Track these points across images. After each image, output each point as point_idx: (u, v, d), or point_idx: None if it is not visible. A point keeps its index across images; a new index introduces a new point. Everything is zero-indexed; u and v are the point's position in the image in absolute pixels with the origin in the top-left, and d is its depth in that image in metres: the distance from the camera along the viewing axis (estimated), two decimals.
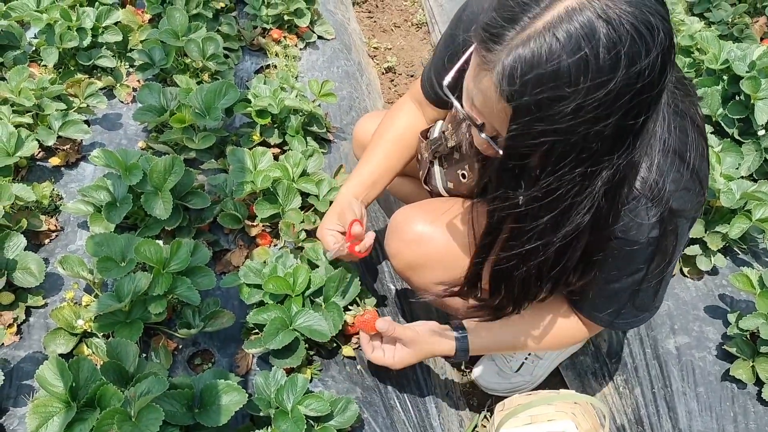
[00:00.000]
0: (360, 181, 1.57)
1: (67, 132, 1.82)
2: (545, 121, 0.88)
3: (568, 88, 0.85)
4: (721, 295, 1.80)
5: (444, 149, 1.48)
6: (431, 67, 1.52)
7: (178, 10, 2.19)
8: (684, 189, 1.16)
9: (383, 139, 1.61)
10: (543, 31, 0.85)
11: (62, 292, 1.55)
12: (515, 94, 0.88)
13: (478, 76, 0.96)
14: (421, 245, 1.43)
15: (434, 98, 1.54)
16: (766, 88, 2.06)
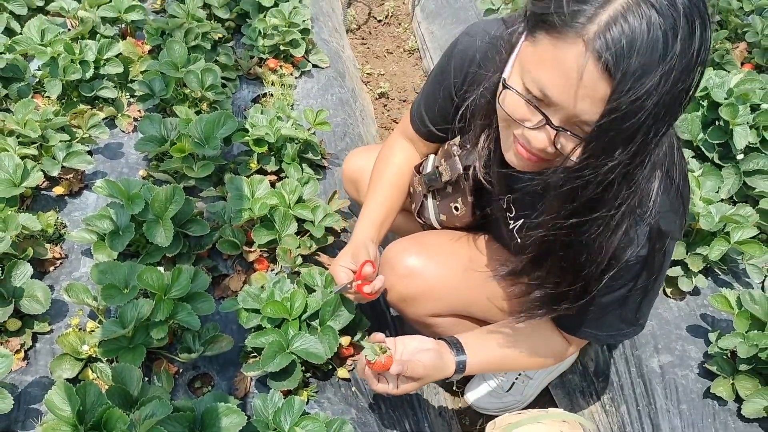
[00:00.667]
0: (370, 222, 1.60)
1: (71, 162, 1.88)
2: (642, 90, 0.89)
3: (664, 53, 0.87)
4: (702, 315, 1.87)
5: (438, 183, 1.54)
6: (421, 104, 1.57)
7: (178, 43, 2.27)
8: (671, 210, 1.21)
9: (383, 179, 1.66)
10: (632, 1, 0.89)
11: (67, 319, 1.60)
12: (618, 62, 0.88)
13: (560, 53, 0.94)
14: (413, 278, 1.49)
15: (425, 133, 1.59)
16: (744, 114, 2.14)
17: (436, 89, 1.50)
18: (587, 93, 0.94)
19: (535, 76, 0.99)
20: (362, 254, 1.49)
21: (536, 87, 1.00)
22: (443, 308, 1.51)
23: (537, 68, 0.99)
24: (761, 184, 2.12)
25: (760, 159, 2.14)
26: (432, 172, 1.56)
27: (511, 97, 1.06)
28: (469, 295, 1.51)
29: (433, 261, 1.50)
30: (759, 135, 2.16)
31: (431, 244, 1.54)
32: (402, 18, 3.90)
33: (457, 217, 1.57)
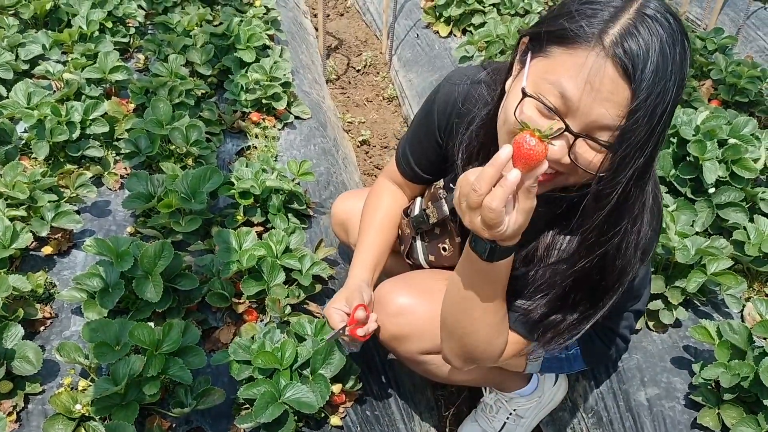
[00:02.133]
0: (364, 266, 1.64)
1: (60, 222, 1.91)
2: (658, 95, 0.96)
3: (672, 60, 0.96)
4: (685, 347, 1.91)
5: (426, 226, 1.59)
6: (407, 147, 1.63)
7: (162, 101, 2.33)
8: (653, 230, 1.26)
9: (374, 223, 1.70)
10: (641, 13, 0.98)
11: (59, 378, 1.61)
12: (636, 67, 0.95)
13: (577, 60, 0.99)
14: (403, 317, 1.52)
15: (411, 176, 1.65)
16: (712, 150, 2.23)
17: (420, 133, 1.57)
18: (607, 96, 0.98)
19: (554, 80, 1.02)
20: (356, 297, 1.52)
21: (555, 91, 1.02)
22: (433, 346, 1.54)
23: (555, 74, 1.03)
24: (733, 216, 2.19)
25: (731, 192, 2.22)
26: (420, 215, 1.61)
27: (529, 107, 1.06)
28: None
29: (422, 300, 1.53)
30: (728, 169, 2.24)
31: (420, 283, 1.58)
32: (380, 67, 4.01)
33: (445, 258, 1.61)
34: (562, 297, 1.28)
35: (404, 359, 1.61)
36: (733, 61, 3.17)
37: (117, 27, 3.01)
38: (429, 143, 1.55)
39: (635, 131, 0.98)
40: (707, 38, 3.40)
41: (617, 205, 1.07)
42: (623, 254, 1.18)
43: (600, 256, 1.17)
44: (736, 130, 2.33)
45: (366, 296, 1.55)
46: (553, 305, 1.30)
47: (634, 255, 1.21)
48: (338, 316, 1.52)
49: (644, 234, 1.20)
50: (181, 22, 3.04)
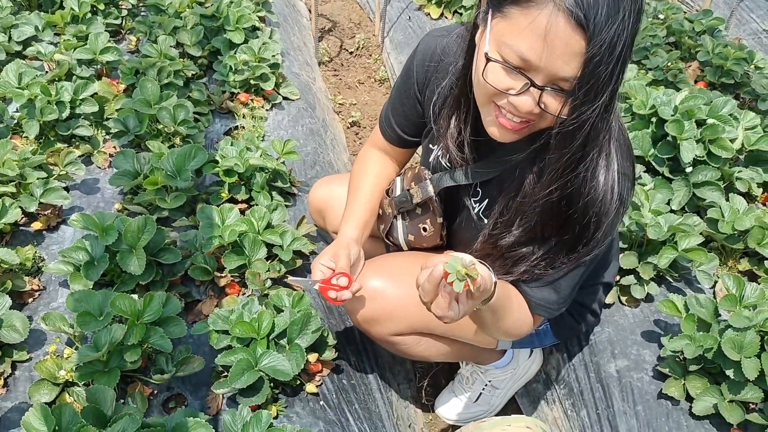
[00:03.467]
0: (354, 223, 1.66)
1: (48, 198, 1.97)
2: (612, 36, 1.00)
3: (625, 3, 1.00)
4: (656, 321, 1.96)
5: (409, 205, 1.62)
6: (389, 109, 1.66)
7: (150, 81, 2.37)
8: (624, 175, 1.29)
9: (363, 184, 1.73)
10: None
11: (45, 347, 1.67)
12: (588, 14, 0.99)
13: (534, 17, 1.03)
14: (375, 301, 1.56)
15: (395, 139, 1.68)
16: (690, 129, 2.27)
17: (401, 91, 1.59)
18: (563, 50, 1.03)
19: (513, 45, 1.08)
20: (342, 254, 1.53)
21: (515, 55, 1.08)
22: (404, 328, 1.59)
23: (513, 38, 1.08)
24: (709, 195, 2.23)
25: (708, 171, 2.26)
26: (403, 194, 1.64)
27: (494, 69, 1.13)
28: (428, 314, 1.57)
29: (394, 283, 1.57)
30: (705, 148, 2.28)
31: (392, 266, 1.62)
32: (372, 49, 4.04)
33: (425, 237, 1.65)
34: (534, 228, 1.32)
35: (377, 340, 1.65)
36: (719, 42, 3.19)
37: (109, 9, 3.06)
38: (409, 102, 1.58)
39: (594, 75, 1.03)
40: (695, 20, 3.42)
41: (585, 139, 1.13)
42: (592, 186, 1.22)
43: (569, 184, 1.21)
44: (715, 111, 2.36)
45: (354, 253, 1.57)
46: (527, 236, 1.34)
47: (607, 195, 1.24)
48: (320, 273, 1.52)
49: (614, 171, 1.24)
50: (172, 3, 3.07)
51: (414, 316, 1.59)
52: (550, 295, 1.41)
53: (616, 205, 1.27)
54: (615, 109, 1.17)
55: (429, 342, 1.67)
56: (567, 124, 1.11)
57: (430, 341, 1.67)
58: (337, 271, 1.50)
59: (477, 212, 1.51)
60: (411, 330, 1.62)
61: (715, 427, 1.69)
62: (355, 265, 1.58)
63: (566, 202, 1.26)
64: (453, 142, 1.40)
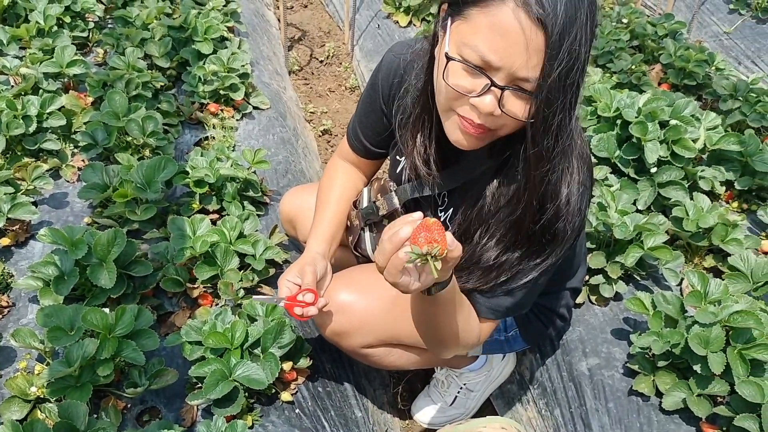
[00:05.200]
0: (321, 238, 1.66)
1: (16, 214, 1.95)
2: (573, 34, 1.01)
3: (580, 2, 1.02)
4: (625, 319, 2.00)
5: (375, 217, 1.64)
6: (355, 121, 1.67)
7: (118, 93, 2.36)
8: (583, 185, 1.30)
9: (330, 197, 1.73)
10: None
11: (15, 363, 1.65)
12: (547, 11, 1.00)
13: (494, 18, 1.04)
14: (343, 314, 1.56)
15: (362, 150, 1.69)
16: (654, 131, 2.32)
17: (367, 105, 1.60)
18: (524, 47, 1.03)
19: (473, 45, 1.08)
20: (309, 272, 1.52)
21: (476, 55, 1.08)
22: (373, 340, 1.60)
23: (473, 38, 1.08)
24: (674, 194, 2.28)
25: (672, 171, 2.31)
26: (369, 207, 1.65)
27: (455, 71, 1.12)
28: (396, 325, 1.59)
29: (361, 296, 1.57)
30: (669, 149, 2.33)
31: (360, 279, 1.62)
32: (342, 57, 4.06)
33: None
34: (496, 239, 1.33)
35: (348, 352, 1.66)
36: (681, 45, 3.26)
37: (76, 21, 3.03)
38: (375, 115, 1.59)
39: (555, 73, 1.04)
40: (658, 24, 3.50)
41: (547, 150, 1.14)
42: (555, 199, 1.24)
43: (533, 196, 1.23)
44: (677, 112, 2.42)
45: (320, 268, 1.57)
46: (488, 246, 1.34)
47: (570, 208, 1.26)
48: (287, 289, 1.52)
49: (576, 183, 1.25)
50: (140, 15, 3.06)
51: (382, 328, 1.60)
52: (503, 301, 1.41)
53: (577, 217, 1.29)
54: (577, 121, 1.19)
55: (399, 352, 1.68)
56: (534, 127, 1.11)
57: (399, 351, 1.68)
58: (303, 287, 1.49)
59: (443, 220, 1.53)
60: (380, 342, 1.62)
61: (684, 421, 1.72)
62: (323, 279, 1.58)
63: (529, 215, 1.27)
64: (419, 159, 1.40)
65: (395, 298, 1.58)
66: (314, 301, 1.48)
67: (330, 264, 1.64)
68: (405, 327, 1.60)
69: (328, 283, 1.60)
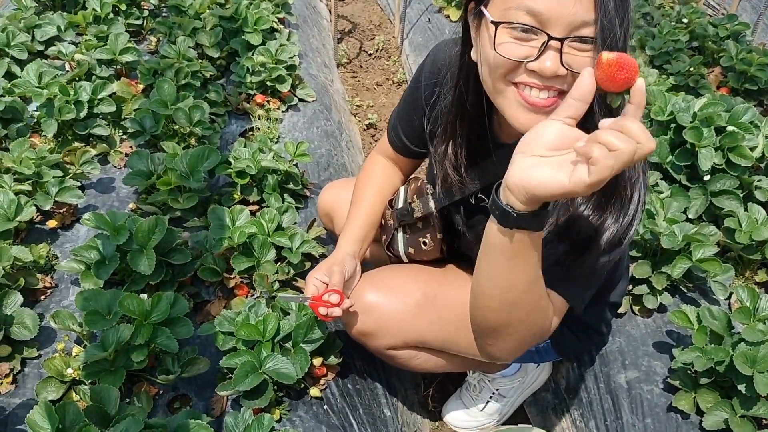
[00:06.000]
0: (352, 238, 1.66)
1: (63, 197, 2.00)
2: None
3: None
4: (668, 332, 1.93)
5: (410, 219, 1.61)
6: (398, 124, 1.66)
7: (167, 82, 2.40)
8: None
9: (365, 195, 1.73)
10: None
11: (55, 344, 1.70)
12: None
13: None
14: (369, 314, 1.54)
15: (402, 148, 1.68)
16: (709, 137, 2.22)
17: (408, 103, 1.58)
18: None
19: (519, 3, 1.03)
20: (336, 270, 1.52)
21: (523, 14, 1.03)
22: (399, 342, 1.57)
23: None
24: (727, 204, 2.19)
25: (726, 180, 2.21)
26: (404, 208, 1.63)
27: (504, 38, 1.07)
28: (422, 328, 1.56)
29: (389, 297, 1.55)
30: (724, 156, 2.24)
31: (388, 279, 1.60)
32: (392, 51, 4.04)
33: (425, 252, 1.64)
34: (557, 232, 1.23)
35: (374, 353, 1.64)
36: (743, 48, 3.13)
37: (131, 9, 3.09)
38: (417, 113, 1.56)
39: (609, 17, 1.00)
40: (720, 24, 3.36)
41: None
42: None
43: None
44: (735, 118, 2.31)
45: (349, 268, 1.56)
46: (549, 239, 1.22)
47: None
48: (314, 287, 1.52)
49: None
50: (192, 4, 3.10)
51: (407, 331, 1.57)
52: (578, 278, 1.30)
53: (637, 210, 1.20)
54: None
55: (425, 356, 1.65)
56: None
57: (426, 355, 1.65)
58: (330, 287, 1.49)
59: None
60: (405, 344, 1.60)
61: None
62: (351, 279, 1.57)
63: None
64: (450, 167, 1.38)
65: (422, 301, 1.57)
66: (340, 302, 1.48)
67: (360, 263, 1.63)
68: (432, 330, 1.58)
69: (356, 284, 1.59)
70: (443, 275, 1.66)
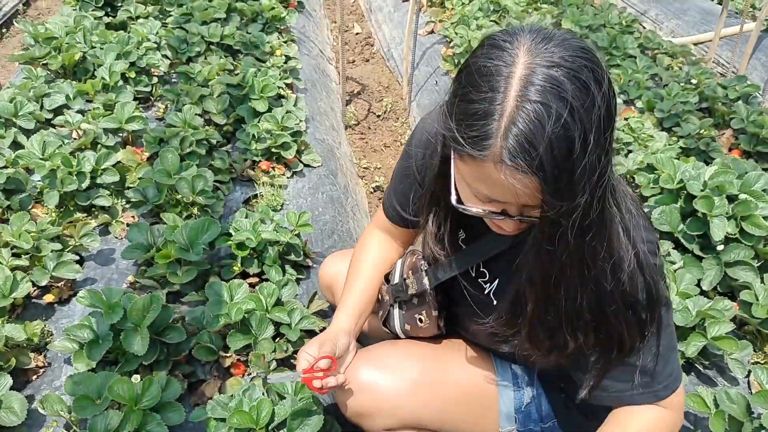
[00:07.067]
0: (347, 314, 1.61)
1: (60, 272, 1.97)
2: (569, 161, 0.95)
3: (567, 127, 0.93)
4: (686, 413, 1.83)
5: (405, 296, 1.56)
6: (392, 195, 1.62)
7: (171, 151, 2.40)
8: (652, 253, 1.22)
9: (361, 271, 1.68)
10: (518, 105, 0.95)
11: (43, 429, 1.64)
12: (535, 160, 0.95)
13: (482, 172, 1.02)
14: (365, 394, 1.48)
15: (398, 219, 1.63)
16: (721, 206, 2.17)
17: (401, 173, 1.55)
18: (522, 191, 1.00)
19: (476, 187, 1.07)
20: (329, 345, 1.48)
21: (483, 195, 1.07)
22: (395, 423, 1.51)
23: (474, 182, 1.06)
24: (742, 275, 2.12)
25: (741, 250, 2.15)
26: (399, 284, 1.59)
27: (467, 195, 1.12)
28: (420, 408, 1.50)
29: (384, 375, 1.50)
30: (737, 225, 2.17)
31: (383, 357, 1.54)
32: (400, 113, 4.05)
33: (421, 329, 1.58)
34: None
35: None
36: (755, 110, 3.09)
37: (140, 77, 3.13)
38: (409, 182, 1.53)
39: (560, 198, 0.99)
40: (729, 86, 3.34)
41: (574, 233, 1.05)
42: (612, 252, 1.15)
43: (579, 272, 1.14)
44: (748, 185, 2.26)
45: (342, 344, 1.51)
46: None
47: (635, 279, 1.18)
48: (305, 362, 1.46)
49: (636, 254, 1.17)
50: (201, 72, 3.14)
51: (405, 410, 1.51)
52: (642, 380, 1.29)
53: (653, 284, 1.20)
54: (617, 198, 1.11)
55: None
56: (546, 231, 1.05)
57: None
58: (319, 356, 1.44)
59: (487, 293, 1.44)
60: (402, 424, 1.53)
61: None
62: (344, 357, 1.52)
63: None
64: (432, 238, 1.37)
65: (419, 379, 1.51)
66: (331, 368, 1.43)
67: (355, 341, 1.58)
68: (428, 409, 1.52)
69: (350, 361, 1.54)
70: (442, 352, 1.60)
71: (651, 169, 2.57)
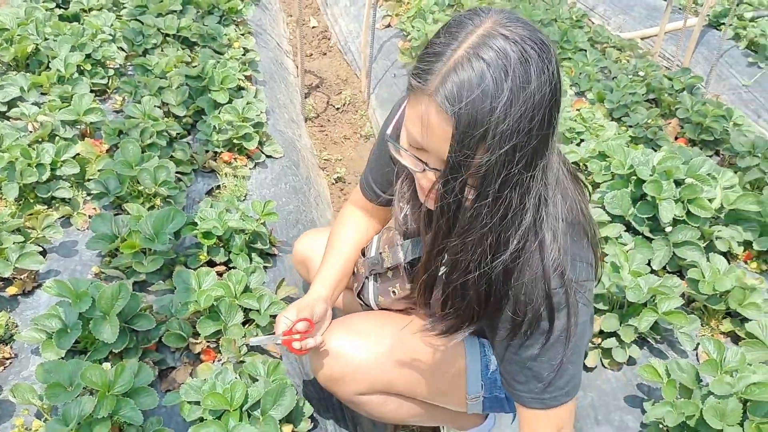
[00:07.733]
0: (324, 283, 1.67)
1: (23, 263, 1.95)
2: (481, 129, 1.02)
3: (495, 95, 1.00)
4: (638, 385, 1.93)
5: (380, 268, 1.64)
6: (369, 174, 1.69)
7: (132, 142, 2.39)
8: (580, 259, 1.27)
9: (339, 242, 1.75)
10: (467, 55, 1.03)
11: (13, 419, 1.63)
12: (456, 108, 1.02)
13: (418, 107, 1.10)
14: (337, 360, 1.55)
15: (374, 197, 1.70)
16: (669, 189, 2.28)
17: (379, 152, 1.62)
18: (438, 135, 1.07)
19: (410, 130, 1.15)
20: (307, 311, 1.55)
21: (414, 140, 1.15)
22: (367, 388, 1.58)
23: (410, 123, 1.14)
24: (689, 255, 2.23)
25: (688, 231, 2.27)
26: (375, 257, 1.65)
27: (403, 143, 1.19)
28: (391, 373, 1.57)
29: (357, 342, 1.57)
30: (685, 208, 2.29)
31: (357, 325, 1.62)
32: (359, 105, 4.09)
33: (394, 301, 1.65)
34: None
35: (344, 401, 1.64)
36: (699, 100, 3.24)
37: (96, 69, 3.09)
38: (385, 160, 1.59)
39: (462, 156, 1.05)
40: (675, 78, 3.49)
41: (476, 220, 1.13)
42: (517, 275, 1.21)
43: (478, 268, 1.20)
44: (693, 170, 2.38)
45: (319, 310, 1.57)
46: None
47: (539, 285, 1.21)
48: (283, 325, 1.53)
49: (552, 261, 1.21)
50: (159, 63, 3.11)
51: (376, 375, 1.58)
52: (533, 386, 1.33)
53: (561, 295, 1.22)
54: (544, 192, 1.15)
55: (396, 402, 1.65)
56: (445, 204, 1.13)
57: (397, 401, 1.65)
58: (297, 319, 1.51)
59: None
60: (374, 390, 1.60)
61: None
62: (321, 323, 1.58)
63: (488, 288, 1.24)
64: (401, 213, 1.44)
65: (390, 346, 1.58)
66: (309, 330, 1.50)
67: (331, 310, 1.64)
68: (401, 375, 1.59)
69: (326, 327, 1.60)
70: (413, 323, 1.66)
71: (603, 156, 2.67)
